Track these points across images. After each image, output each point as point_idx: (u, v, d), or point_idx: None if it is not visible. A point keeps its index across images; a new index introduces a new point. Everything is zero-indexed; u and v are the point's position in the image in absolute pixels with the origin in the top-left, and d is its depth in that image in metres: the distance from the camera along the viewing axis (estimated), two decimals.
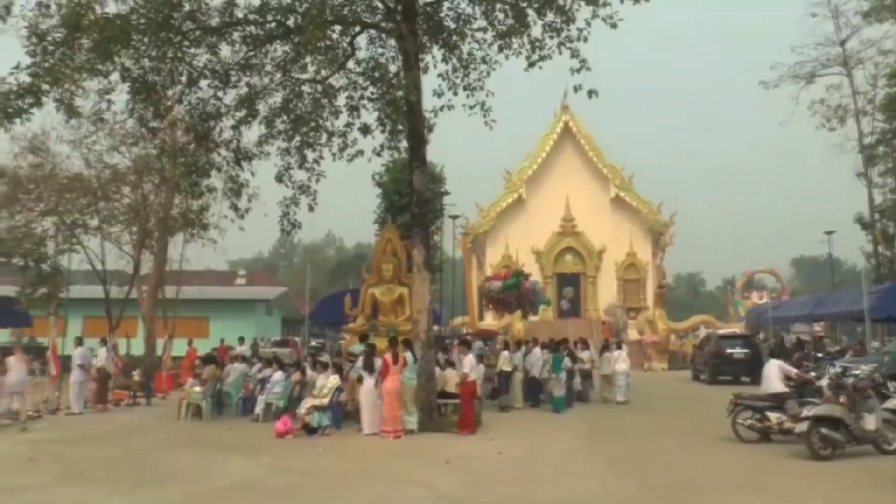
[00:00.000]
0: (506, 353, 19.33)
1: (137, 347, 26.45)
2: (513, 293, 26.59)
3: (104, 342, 20.67)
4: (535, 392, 18.98)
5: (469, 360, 15.86)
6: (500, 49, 15.76)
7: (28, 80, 12.65)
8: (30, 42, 12.90)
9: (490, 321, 36.59)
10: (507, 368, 18.55)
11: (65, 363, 18.85)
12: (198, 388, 17.06)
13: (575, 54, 14.44)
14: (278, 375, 16.79)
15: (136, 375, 21.01)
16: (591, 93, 13.83)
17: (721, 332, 32.02)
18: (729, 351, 26.38)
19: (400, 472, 10.60)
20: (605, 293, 41.00)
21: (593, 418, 16.72)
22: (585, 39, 14.60)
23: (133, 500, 8.96)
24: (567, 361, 18.92)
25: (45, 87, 12.79)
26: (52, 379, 18.84)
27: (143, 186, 25.31)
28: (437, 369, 15.70)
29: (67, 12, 12.31)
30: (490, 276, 31.58)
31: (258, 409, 16.40)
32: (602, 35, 14.71)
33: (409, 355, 14.37)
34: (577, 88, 13.87)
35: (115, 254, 27.31)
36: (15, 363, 16.58)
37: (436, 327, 19.90)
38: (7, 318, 26.79)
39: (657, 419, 16.62)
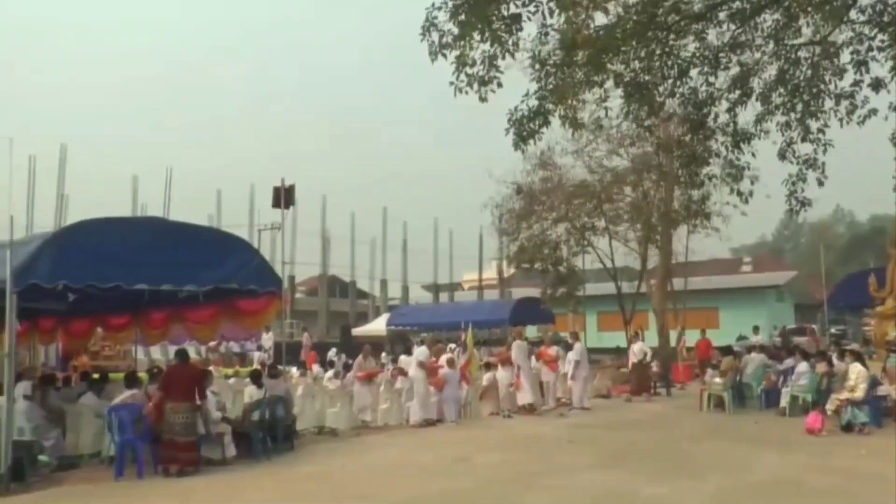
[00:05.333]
0: None
1: (651, 339, 27.26)
2: None
3: (636, 336, 21.74)
4: None
5: None
6: None
7: (536, 103, 13.87)
8: (533, 69, 14.18)
9: None
10: None
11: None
12: (718, 380, 16.85)
13: None
14: (802, 366, 15.68)
15: (655, 366, 21.71)
16: None
17: None
18: None
19: None
20: None
21: None
22: None
23: (671, 489, 9.12)
24: None
25: (551, 106, 13.86)
26: None
27: (643, 184, 26.05)
28: None
29: (563, 35, 13.20)
30: None
31: (783, 402, 15.54)
32: None
33: None
34: None
35: (623, 251, 28.58)
36: None
37: None
38: (534, 316, 29.94)
39: None
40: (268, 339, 27.04)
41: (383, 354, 19.06)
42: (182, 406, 10.42)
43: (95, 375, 14.12)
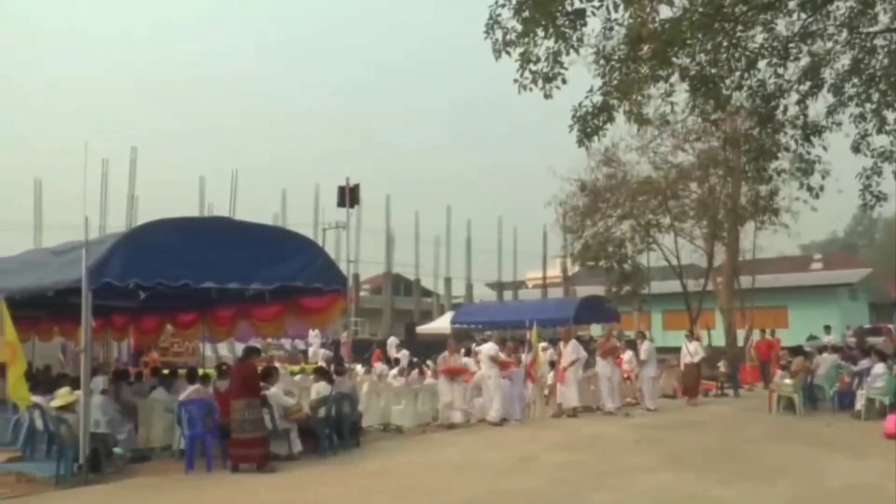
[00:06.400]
0: None
1: (717, 339, 26.74)
2: None
3: (690, 335, 21.33)
4: None
5: None
6: None
7: (600, 99, 13.70)
8: (598, 65, 14.01)
9: None
10: None
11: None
12: (788, 381, 16.38)
13: None
14: (879, 368, 15.12)
15: (722, 366, 21.26)
16: None
17: None
18: None
19: None
20: None
21: None
22: None
23: (740, 493, 8.89)
24: None
25: (615, 102, 13.67)
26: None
27: (710, 180, 25.59)
28: None
29: (628, 29, 13.02)
30: None
31: (858, 404, 15.02)
32: None
33: None
34: None
35: (688, 248, 28.15)
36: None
37: None
38: (598, 314, 29.63)
39: None
40: (315, 337, 27.38)
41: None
42: (238, 403, 10.56)
43: (165, 371, 14.51)
